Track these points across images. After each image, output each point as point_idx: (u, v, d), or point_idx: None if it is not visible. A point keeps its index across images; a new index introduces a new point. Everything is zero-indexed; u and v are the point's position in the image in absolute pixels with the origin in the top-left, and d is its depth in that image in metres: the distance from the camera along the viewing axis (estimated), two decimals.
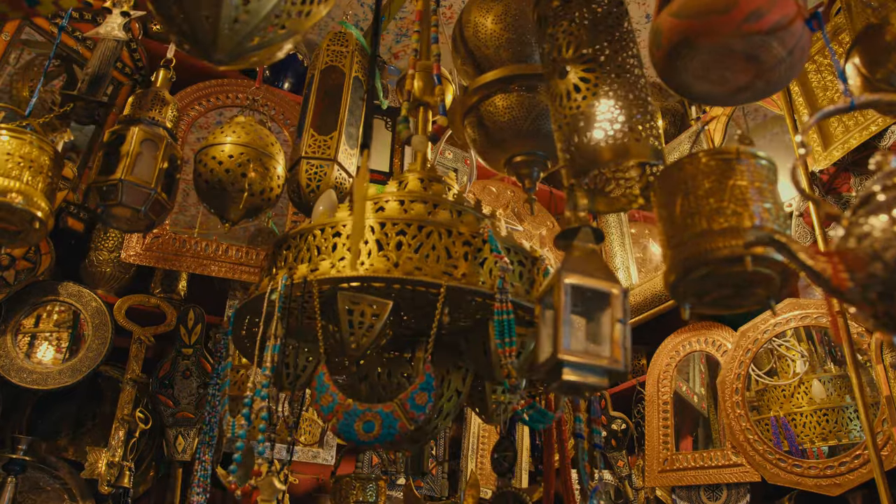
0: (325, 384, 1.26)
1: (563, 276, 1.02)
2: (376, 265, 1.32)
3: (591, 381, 0.96)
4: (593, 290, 1.01)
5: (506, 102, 1.61)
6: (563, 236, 1.09)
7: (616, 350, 0.97)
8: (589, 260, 1.05)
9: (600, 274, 1.03)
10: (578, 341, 0.98)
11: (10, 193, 1.18)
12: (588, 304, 1.03)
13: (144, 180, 1.32)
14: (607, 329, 1.00)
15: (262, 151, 1.47)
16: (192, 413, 2.04)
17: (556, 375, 0.97)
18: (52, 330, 2.12)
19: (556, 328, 0.98)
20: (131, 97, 1.43)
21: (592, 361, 0.96)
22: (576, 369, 0.95)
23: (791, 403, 2.56)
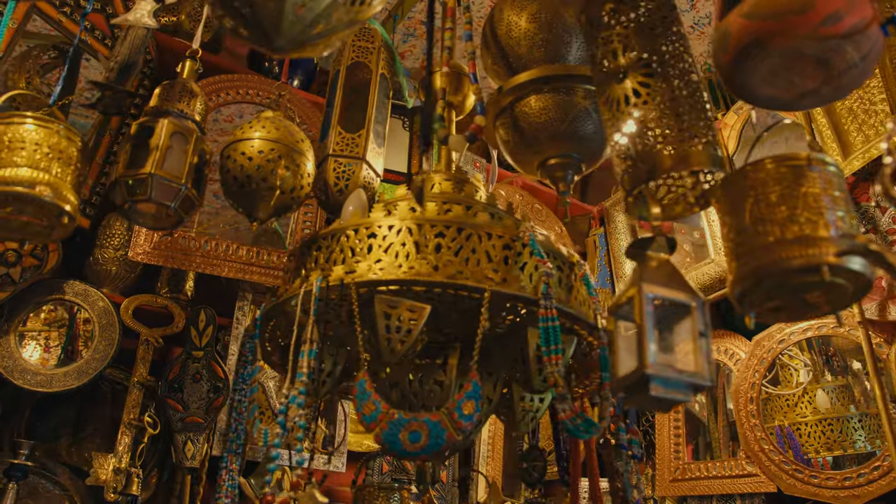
0: (366, 392, 1.21)
1: (643, 287, 0.99)
2: (417, 268, 1.27)
3: (676, 395, 0.92)
4: (672, 302, 0.98)
5: (542, 103, 1.57)
6: (636, 246, 1.05)
7: (701, 363, 0.94)
8: (664, 270, 1.02)
9: (678, 285, 1.00)
10: (663, 355, 0.94)
11: (39, 186, 1.12)
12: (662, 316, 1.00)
13: (175, 175, 1.26)
14: (688, 342, 0.97)
15: (292, 148, 1.42)
16: (201, 418, 1.97)
17: (642, 390, 0.94)
18: (42, 329, 2.04)
19: (641, 342, 0.94)
20: (158, 88, 1.37)
21: (679, 376, 0.92)
22: (662, 384, 0.92)
23: (795, 413, 2.55)
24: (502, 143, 1.66)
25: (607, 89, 1.27)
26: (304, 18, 0.88)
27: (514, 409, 1.61)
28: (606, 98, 1.27)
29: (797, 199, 0.98)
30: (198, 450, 1.96)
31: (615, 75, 1.26)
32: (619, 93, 1.24)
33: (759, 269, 0.99)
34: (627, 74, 1.24)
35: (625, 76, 1.25)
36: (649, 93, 1.20)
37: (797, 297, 1.00)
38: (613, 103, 1.24)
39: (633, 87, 1.22)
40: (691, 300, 1.00)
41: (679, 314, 1.01)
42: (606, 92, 1.27)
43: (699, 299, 1.01)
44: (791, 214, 0.98)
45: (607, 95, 1.27)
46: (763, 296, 1.02)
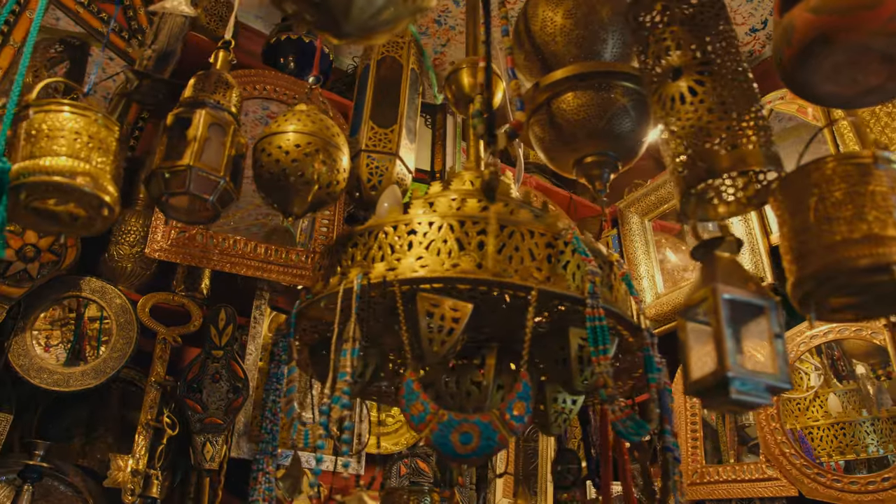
0: (414, 392, 1.17)
1: (718, 288, 0.97)
2: (463, 265, 1.24)
3: (756, 398, 0.90)
4: (745, 303, 0.96)
5: (580, 100, 1.55)
6: (704, 246, 1.03)
7: (778, 365, 0.92)
8: (734, 271, 1.00)
9: (750, 286, 0.98)
10: (742, 357, 0.92)
11: (79, 176, 1.08)
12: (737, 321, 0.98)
13: (213, 167, 1.22)
14: (764, 343, 0.95)
15: (328, 141, 1.38)
16: (220, 419, 1.93)
17: (721, 392, 0.92)
18: (44, 328, 1.99)
19: (720, 344, 0.92)
20: (193, 78, 1.33)
21: (758, 378, 0.90)
22: (742, 386, 0.90)
23: (806, 416, 2.54)
24: (537, 140, 1.64)
25: (661, 87, 1.25)
26: (373, 4, 0.85)
27: (547, 410, 1.58)
28: (659, 96, 1.24)
29: (864, 198, 0.96)
30: (217, 451, 1.92)
31: (669, 73, 1.24)
32: (673, 91, 1.22)
33: (824, 269, 0.97)
34: (683, 72, 1.23)
35: (680, 74, 1.23)
36: (706, 91, 1.18)
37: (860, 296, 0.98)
38: (667, 101, 1.22)
39: (688, 86, 1.20)
40: (764, 301, 0.97)
41: (750, 315, 0.99)
42: (660, 90, 1.25)
43: (771, 300, 0.99)
44: (858, 213, 0.96)
45: (660, 93, 1.25)
46: (827, 296, 1.00)
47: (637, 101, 1.55)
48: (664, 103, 1.22)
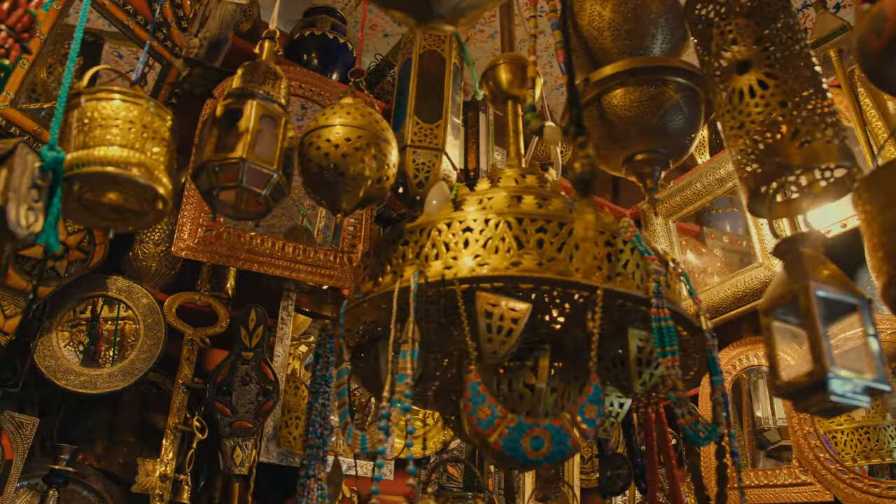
0: (481, 394, 1.13)
1: (811, 286, 0.93)
2: (525, 263, 1.20)
3: (855, 400, 0.86)
4: (837, 301, 0.92)
5: (632, 97, 1.50)
6: (789, 242, 0.99)
7: (876, 365, 0.88)
8: (822, 268, 0.96)
9: (840, 283, 0.94)
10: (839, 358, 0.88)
11: (134, 167, 1.03)
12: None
13: (266, 160, 1.17)
14: (858, 343, 0.91)
15: (378, 135, 1.34)
16: (250, 422, 1.87)
17: (818, 394, 0.88)
18: (59, 331, 1.93)
19: (817, 343, 0.88)
20: (240, 69, 1.29)
21: (857, 379, 0.86)
22: (840, 387, 0.86)
23: (829, 420, 2.51)
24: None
25: (727, 82, 1.22)
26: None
27: None
28: (725, 90, 1.21)
29: None
30: (247, 456, 1.86)
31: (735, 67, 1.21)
32: (741, 84, 1.18)
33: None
34: (751, 66, 1.19)
35: (747, 67, 1.19)
36: (777, 84, 1.15)
37: None
38: (734, 96, 1.19)
39: (758, 79, 1.16)
40: (856, 298, 0.94)
41: (839, 313, 0.95)
42: (726, 84, 1.22)
43: (862, 298, 0.95)
44: None
45: (727, 87, 1.21)
46: None
47: (689, 97, 1.52)
48: (731, 98, 1.18)
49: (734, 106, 1.19)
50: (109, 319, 2.03)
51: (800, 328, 0.98)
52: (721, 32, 1.25)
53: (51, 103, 2.43)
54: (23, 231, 0.93)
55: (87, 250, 1.75)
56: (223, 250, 1.97)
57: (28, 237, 0.94)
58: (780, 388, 0.93)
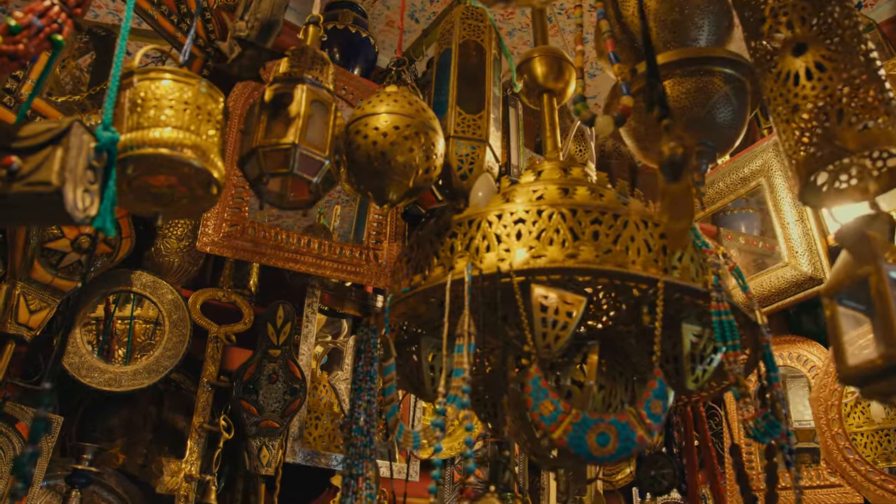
0: (542, 389, 1.09)
1: (882, 267, 0.90)
2: (583, 255, 1.17)
3: None
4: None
5: (681, 88, 1.47)
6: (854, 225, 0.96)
7: None
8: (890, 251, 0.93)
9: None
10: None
11: (188, 149, 0.99)
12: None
13: (318, 147, 1.13)
14: None
15: (427, 125, 1.30)
16: (277, 422, 1.82)
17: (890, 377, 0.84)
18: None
19: (891, 325, 0.84)
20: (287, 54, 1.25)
21: None
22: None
23: (848, 423, 2.49)
24: (629, 131, 1.56)
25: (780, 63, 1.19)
26: None
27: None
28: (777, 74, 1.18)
29: None
30: (273, 456, 1.81)
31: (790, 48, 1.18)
32: (796, 66, 1.15)
33: None
34: (807, 48, 1.16)
35: (804, 49, 1.16)
36: (834, 66, 1.11)
37: None
38: (789, 78, 1.15)
39: (815, 61, 1.13)
40: None
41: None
42: (779, 66, 1.18)
43: None
44: None
45: (779, 70, 1.18)
46: None
47: (738, 89, 1.49)
48: (783, 79, 1.15)
49: (789, 89, 1.16)
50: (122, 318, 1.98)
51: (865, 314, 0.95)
52: (774, 13, 1.22)
53: (65, 97, 2.38)
54: (80, 214, 0.89)
55: (113, 244, 1.70)
56: (248, 246, 1.92)
57: (84, 220, 0.89)
58: (846, 373, 0.90)
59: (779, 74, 1.19)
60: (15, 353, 1.55)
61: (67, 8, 0.95)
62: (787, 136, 1.17)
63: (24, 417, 1.56)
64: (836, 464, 2.16)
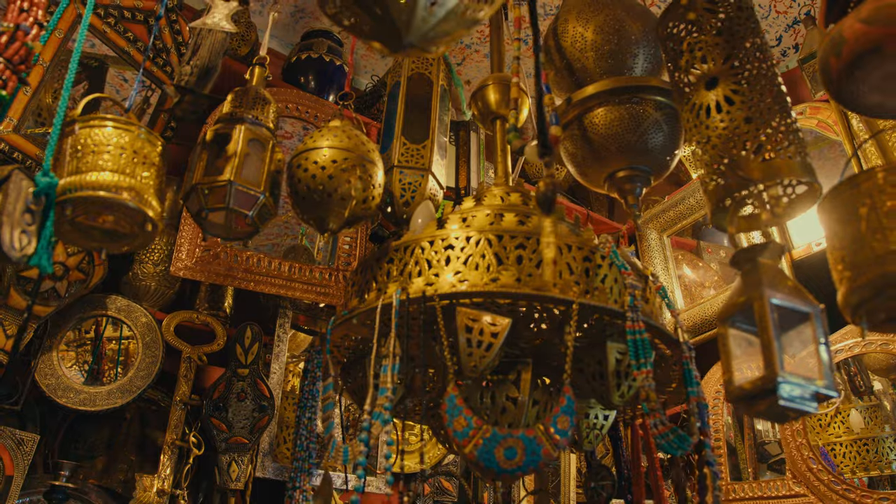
0: (457, 406, 1.16)
1: (766, 293, 0.96)
2: (503, 279, 1.24)
3: (803, 405, 0.89)
4: (790, 309, 0.96)
5: (612, 115, 1.55)
6: (747, 252, 1.03)
7: (825, 373, 0.91)
8: (779, 277, 0.99)
9: (794, 292, 0.98)
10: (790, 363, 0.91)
11: (124, 191, 1.08)
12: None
13: (253, 183, 1.22)
14: (810, 351, 0.94)
15: (364, 157, 1.38)
16: (246, 438, 1.91)
17: (767, 399, 0.91)
18: (62, 349, 1.97)
19: (769, 348, 0.91)
20: (230, 94, 1.34)
21: (807, 385, 0.89)
22: (790, 393, 0.89)
23: (828, 433, 2.52)
24: (568, 156, 1.64)
25: (694, 97, 1.26)
26: (435, 15, 0.85)
27: (579, 426, 1.57)
28: (692, 106, 1.25)
29: None
30: (242, 471, 1.89)
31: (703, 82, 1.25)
32: (707, 100, 1.23)
33: (878, 279, 0.97)
34: (718, 82, 1.23)
35: (716, 83, 1.23)
36: (742, 100, 1.19)
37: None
38: (701, 111, 1.23)
39: (724, 95, 1.20)
40: (809, 307, 0.97)
41: (793, 323, 0.98)
42: (693, 100, 1.26)
43: (816, 307, 0.98)
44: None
45: (694, 103, 1.25)
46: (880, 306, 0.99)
47: (669, 115, 1.55)
48: (697, 113, 1.22)
49: (701, 121, 1.24)
50: (113, 339, 2.08)
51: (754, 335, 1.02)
52: (691, 49, 1.29)
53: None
54: (16, 253, 0.98)
55: (86, 271, 1.80)
56: (220, 270, 2.01)
57: (21, 259, 0.98)
58: (732, 392, 0.96)
59: (693, 106, 1.26)
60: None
61: (11, 65, 1.04)
62: (701, 165, 1.24)
63: (2, 437, 1.66)
64: (800, 474, 2.21)
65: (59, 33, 1.86)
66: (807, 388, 0.91)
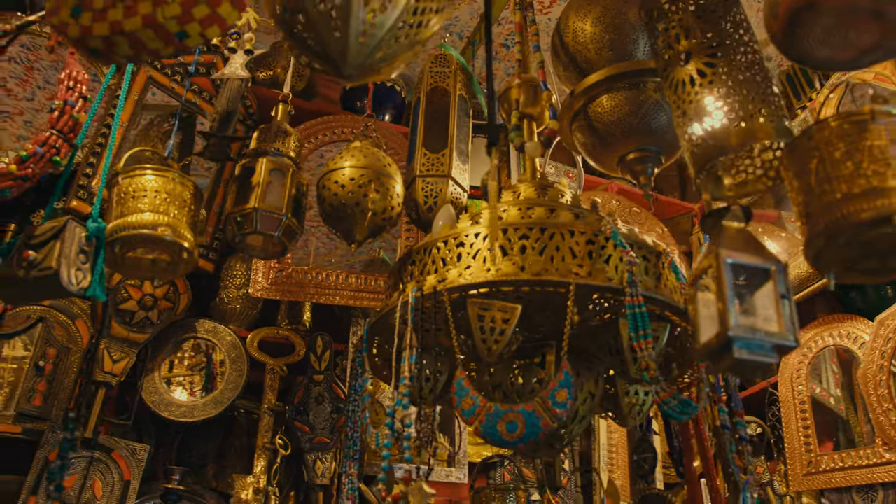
0: (464, 388, 1.27)
1: (720, 253, 1.01)
2: (504, 269, 1.33)
3: (761, 357, 0.94)
4: (751, 268, 1.00)
5: (613, 101, 1.61)
6: (711, 216, 1.08)
7: (784, 324, 0.95)
8: (742, 238, 1.04)
9: (756, 250, 1.02)
10: (745, 318, 0.96)
11: (160, 227, 1.27)
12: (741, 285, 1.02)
13: (276, 207, 1.39)
14: (770, 305, 0.98)
15: (381, 172, 1.53)
16: (327, 438, 2.10)
17: (726, 354, 0.95)
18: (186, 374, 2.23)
19: (723, 305, 0.96)
20: (255, 132, 1.52)
21: (763, 337, 0.94)
22: (746, 346, 0.94)
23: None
24: (581, 146, 1.71)
25: (671, 74, 1.31)
26: (367, 45, 0.98)
27: (621, 403, 1.62)
28: (671, 83, 1.30)
29: (862, 153, 0.97)
30: (327, 468, 2.08)
31: (678, 59, 1.30)
32: (682, 75, 1.27)
33: (828, 228, 0.99)
34: (691, 57, 1.28)
35: (688, 59, 1.28)
36: (714, 72, 1.23)
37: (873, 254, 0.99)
38: (678, 86, 1.28)
39: (697, 69, 1.25)
40: (770, 264, 1.01)
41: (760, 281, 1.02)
42: (670, 76, 1.31)
43: (780, 263, 1.01)
44: (857, 169, 0.97)
45: (671, 80, 1.31)
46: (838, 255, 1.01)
47: None
48: (675, 88, 1.27)
49: (679, 96, 1.29)
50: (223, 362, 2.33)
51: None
52: (666, 27, 1.35)
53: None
54: (74, 287, 1.19)
55: (173, 300, 2.05)
56: (294, 287, 2.22)
57: (79, 292, 1.19)
58: (698, 351, 1.01)
59: (671, 83, 1.32)
60: (106, 397, 1.93)
61: (63, 135, 1.27)
62: (684, 140, 1.30)
63: (117, 447, 1.93)
64: (889, 440, 2.12)
65: (134, 95, 2.13)
66: (763, 340, 0.95)
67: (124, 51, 0.90)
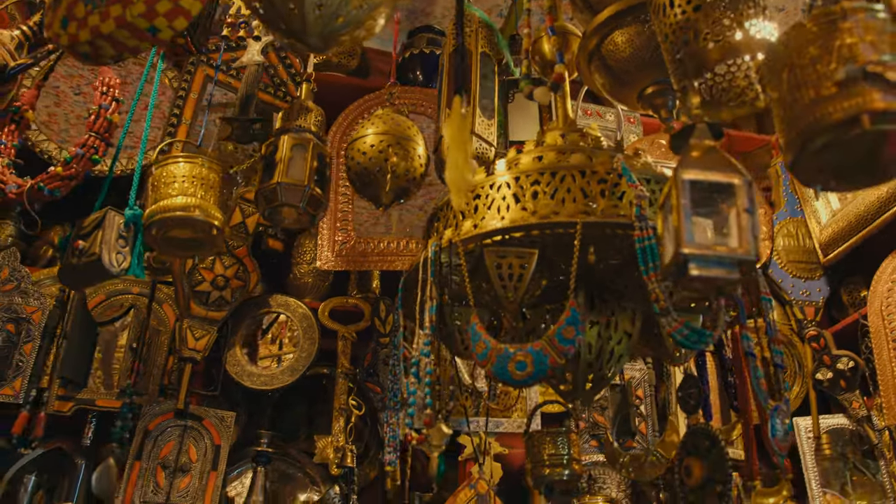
0: (477, 333, 1.32)
1: (679, 173, 1.01)
2: (513, 215, 1.36)
3: (719, 273, 0.93)
4: (714, 185, 0.99)
5: (624, 37, 1.58)
6: (678, 136, 1.07)
7: (744, 238, 0.94)
8: (709, 157, 1.02)
9: (721, 167, 1.00)
10: (703, 236, 0.96)
11: (190, 208, 1.39)
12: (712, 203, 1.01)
13: (298, 179, 1.48)
14: (734, 220, 0.97)
15: (400, 136, 1.59)
16: None
17: (683, 272, 0.96)
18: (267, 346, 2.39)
19: (679, 224, 0.96)
20: (280, 113, 1.61)
21: (718, 252, 0.93)
22: (702, 263, 0.94)
23: None
24: (601, 87, 1.69)
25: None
26: (325, 15, 1.04)
27: (665, 342, 1.62)
28: (655, 8, 1.29)
29: (831, 55, 0.93)
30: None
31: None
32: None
33: (801, 134, 0.96)
34: None
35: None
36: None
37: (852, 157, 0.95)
38: (659, 10, 1.27)
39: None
40: (734, 179, 0.99)
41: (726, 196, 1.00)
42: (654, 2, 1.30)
43: (745, 178, 0.99)
44: (825, 71, 0.93)
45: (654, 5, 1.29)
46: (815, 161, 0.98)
47: None
48: (657, 12, 1.26)
49: (661, 20, 1.27)
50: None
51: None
52: None
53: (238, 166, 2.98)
54: (116, 269, 1.33)
55: (243, 278, 2.21)
56: (358, 257, 2.33)
57: (120, 273, 1.33)
58: (661, 274, 1.01)
59: (655, 9, 1.31)
60: (193, 371, 2.11)
61: (99, 135, 1.42)
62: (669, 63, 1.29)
63: (207, 416, 2.13)
64: None
65: (194, 95, 2.29)
66: (722, 256, 0.94)
67: (108, 52, 1.00)
